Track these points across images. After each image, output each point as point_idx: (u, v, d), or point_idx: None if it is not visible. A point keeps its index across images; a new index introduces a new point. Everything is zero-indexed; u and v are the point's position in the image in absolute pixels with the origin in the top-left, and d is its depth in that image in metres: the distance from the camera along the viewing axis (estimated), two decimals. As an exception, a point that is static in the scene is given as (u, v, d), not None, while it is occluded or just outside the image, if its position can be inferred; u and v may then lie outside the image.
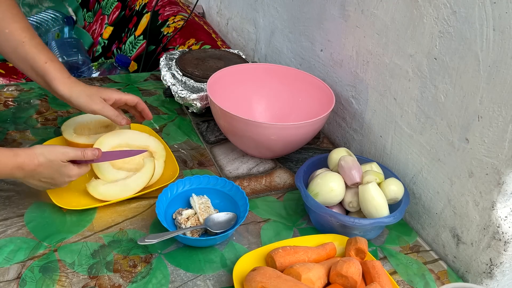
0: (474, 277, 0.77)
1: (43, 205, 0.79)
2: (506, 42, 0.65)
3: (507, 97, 0.66)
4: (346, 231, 0.78)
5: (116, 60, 1.66)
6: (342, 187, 0.79)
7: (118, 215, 0.80)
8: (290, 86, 1.07)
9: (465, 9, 0.70)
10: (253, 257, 0.72)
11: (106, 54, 2.01)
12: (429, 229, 0.85)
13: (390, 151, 0.93)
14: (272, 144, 0.90)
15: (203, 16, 1.94)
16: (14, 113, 1.03)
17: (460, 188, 0.77)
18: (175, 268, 0.72)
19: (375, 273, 0.66)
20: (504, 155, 0.68)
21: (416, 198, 0.87)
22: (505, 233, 0.71)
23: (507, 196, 0.70)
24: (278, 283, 0.62)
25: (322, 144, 1.08)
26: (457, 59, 0.73)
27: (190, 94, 1.06)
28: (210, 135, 1.05)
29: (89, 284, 0.67)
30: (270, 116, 1.07)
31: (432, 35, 0.77)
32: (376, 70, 0.92)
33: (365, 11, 0.92)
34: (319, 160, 0.88)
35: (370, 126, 0.97)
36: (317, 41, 1.11)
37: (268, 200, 0.88)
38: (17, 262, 0.69)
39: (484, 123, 0.70)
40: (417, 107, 0.83)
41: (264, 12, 1.38)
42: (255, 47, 1.48)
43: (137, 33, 1.83)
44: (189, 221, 0.77)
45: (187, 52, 1.24)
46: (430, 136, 0.82)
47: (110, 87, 1.19)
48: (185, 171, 0.92)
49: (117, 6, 2.08)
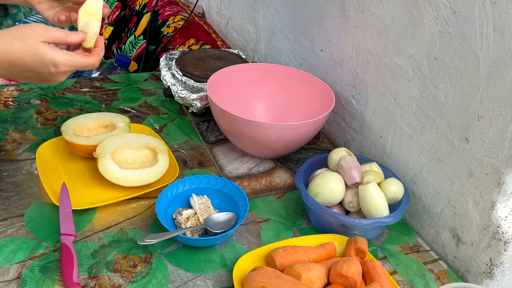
0: (474, 277, 0.77)
1: (43, 205, 0.79)
2: (506, 42, 0.65)
3: (507, 97, 0.66)
4: (346, 231, 0.78)
5: (116, 60, 1.66)
6: (342, 187, 0.79)
7: (118, 215, 0.80)
8: (290, 86, 1.06)
9: (465, 9, 0.70)
10: (253, 257, 0.72)
11: (106, 54, 2.01)
12: (429, 229, 0.85)
13: (390, 151, 0.93)
14: (272, 144, 0.90)
15: (203, 16, 1.94)
16: (14, 113, 1.03)
17: (460, 188, 0.77)
18: (175, 268, 0.72)
19: (375, 273, 0.66)
20: (504, 155, 0.68)
21: (416, 198, 0.87)
22: (505, 233, 0.71)
23: (507, 196, 0.70)
24: (278, 283, 0.62)
25: (322, 144, 1.08)
26: (457, 59, 0.73)
27: (190, 94, 1.06)
28: (210, 135, 1.05)
29: (89, 284, 0.67)
30: (270, 116, 1.07)
31: (432, 35, 0.77)
32: (376, 70, 0.92)
33: (365, 11, 0.92)
34: (319, 160, 0.88)
35: (370, 126, 0.97)
36: (317, 41, 1.11)
37: (268, 200, 0.88)
38: (17, 262, 0.69)
39: (484, 123, 0.70)
40: (417, 107, 0.83)
41: (264, 12, 1.37)
42: (255, 47, 1.48)
43: (137, 33, 1.83)
44: (189, 221, 0.77)
45: (187, 52, 1.24)
46: (430, 136, 0.82)
47: (110, 87, 1.19)
48: (185, 171, 0.92)
49: (117, 6, 2.08)
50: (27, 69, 0.58)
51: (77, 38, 0.61)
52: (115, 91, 1.17)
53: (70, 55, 0.59)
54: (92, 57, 0.63)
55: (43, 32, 0.58)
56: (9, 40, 0.56)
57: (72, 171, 0.87)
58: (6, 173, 0.85)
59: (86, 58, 0.62)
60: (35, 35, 0.57)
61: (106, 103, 1.11)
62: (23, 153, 0.91)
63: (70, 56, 0.59)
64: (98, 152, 0.83)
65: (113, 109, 1.09)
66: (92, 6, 0.67)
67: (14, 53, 0.56)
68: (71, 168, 0.88)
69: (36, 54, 0.57)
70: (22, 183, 0.84)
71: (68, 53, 0.59)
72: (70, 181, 0.84)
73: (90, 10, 0.67)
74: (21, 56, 0.57)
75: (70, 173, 0.86)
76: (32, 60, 0.57)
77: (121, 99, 1.14)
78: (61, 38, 0.59)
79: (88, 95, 1.14)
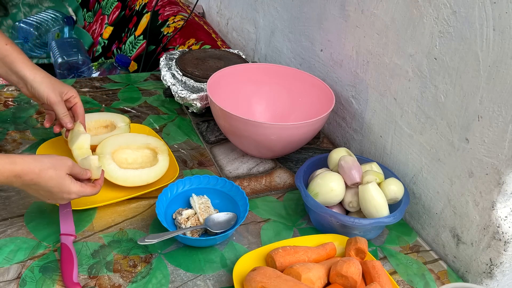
0: (474, 277, 0.77)
1: (43, 205, 0.79)
2: (506, 42, 0.65)
3: (507, 97, 0.66)
4: (346, 231, 0.78)
5: (116, 60, 1.66)
6: (342, 187, 0.79)
7: (118, 215, 0.80)
8: (290, 86, 1.06)
9: (465, 9, 0.70)
10: (253, 257, 0.72)
11: (106, 54, 2.02)
12: (429, 229, 0.85)
13: (390, 151, 0.93)
14: (272, 144, 0.90)
15: (203, 16, 1.94)
16: (14, 113, 1.03)
17: (460, 188, 0.77)
18: (175, 268, 0.72)
19: (375, 273, 0.66)
20: (504, 155, 0.68)
21: (416, 198, 0.87)
22: (505, 233, 0.71)
23: (507, 196, 0.70)
24: (278, 283, 0.62)
25: (322, 144, 1.08)
26: (457, 59, 0.73)
27: (190, 94, 1.06)
28: (210, 135, 1.05)
29: (89, 284, 0.67)
30: (270, 116, 1.07)
31: (432, 35, 0.77)
32: (376, 70, 0.92)
33: (365, 11, 0.92)
34: (319, 160, 0.88)
35: (370, 126, 0.97)
36: (317, 41, 1.11)
37: (268, 200, 0.88)
38: (17, 262, 0.69)
39: (484, 123, 0.70)
40: (417, 107, 0.83)
41: (264, 12, 1.38)
42: (255, 47, 1.48)
43: (137, 33, 1.83)
44: (189, 221, 0.77)
45: (187, 52, 1.24)
46: (430, 136, 0.82)
47: (110, 87, 1.19)
48: (185, 171, 0.92)
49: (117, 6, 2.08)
50: (45, 190, 0.68)
51: (87, 176, 0.73)
52: (115, 91, 1.17)
53: (82, 187, 0.71)
54: (97, 187, 0.74)
55: (70, 167, 0.69)
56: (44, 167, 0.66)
57: (72, 171, 0.87)
58: (6, 173, 0.85)
59: (92, 189, 0.73)
60: (64, 168, 0.68)
61: (106, 103, 1.11)
62: (23, 153, 0.91)
63: (82, 187, 0.71)
64: (98, 152, 0.83)
65: (113, 109, 1.09)
66: (80, 143, 0.81)
67: (44, 179, 0.66)
68: (71, 168, 0.87)
69: (60, 184, 0.68)
70: (22, 183, 0.84)
71: (81, 184, 0.71)
72: (70, 181, 0.84)
73: (80, 146, 0.81)
74: (48, 183, 0.67)
75: (70, 173, 0.86)
76: (54, 186, 0.67)
77: (121, 99, 1.14)
78: (78, 174, 0.71)
79: (88, 95, 1.14)
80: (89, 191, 0.72)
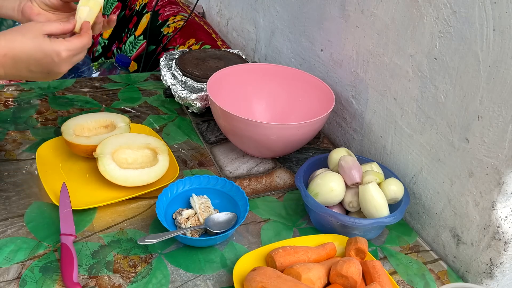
0: (474, 277, 0.77)
1: (43, 205, 0.79)
2: (506, 42, 0.65)
3: (507, 97, 0.66)
4: (346, 231, 0.78)
5: (116, 60, 1.65)
6: (342, 187, 0.79)
7: (118, 215, 0.80)
8: (290, 86, 1.06)
9: (465, 9, 0.70)
10: (253, 257, 0.72)
11: (106, 54, 2.01)
12: (429, 229, 0.85)
13: (390, 151, 0.93)
14: (272, 144, 0.90)
15: (203, 16, 1.94)
16: (14, 113, 1.03)
17: (460, 188, 0.77)
18: (175, 268, 0.72)
19: (375, 273, 0.66)
20: (504, 155, 0.68)
21: (416, 198, 0.87)
22: (505, 233, 0.71)
23: (507, 196, 0.70)
24: (278, 283, 0.62)
25: (322, 144, 1.08)
26: (457, 59, 0.73)
27: (190, 94, 1.06)
28: (210, 135, 1.05)
29: (89, 284, 0.67)
30: (270, 116, 1.07)
31: (432, 35, 0.77)
32: (376, 70, 0.92)
33: (365, 11, 0.92)
34: (319, 160, 0.88)
35: (370, 126, 0.97)
36: (317, 41, 1.11)
37: (268, 200, 0.88)
38: (17, 262, 0.69)
39: (484, 123, 0.70)
40: (417, 107, 0.83)
41: (264, 12, 1.38)
42: (255, 47, 1.48)
43: (137, 33, 1.83)
44: (189, 221, 0.77)
45: (187, 52, 1.24)
46: (430, 136, 0.82)
47: (110, 87, 1.19)
48: (185, 171, 0.92)
49: (117, 6, 2.08)
50: (32, 62, 0.61)
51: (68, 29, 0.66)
52: (115, 91, 1.17)
53: (67, 41, 0.63)
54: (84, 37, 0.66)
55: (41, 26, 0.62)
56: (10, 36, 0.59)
57: (72, 171, 0.87)
58: (6, 173, 0.85)
59: (80, 39, 0.65)
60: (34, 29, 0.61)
61: (106, 103, 1.11)
62: (23, 153, 0.91)
63: (67, 41, 0.63)
64: (98, 152, 0.83)
65: (113, 109, 1.09)
66: None
67: (16, 47, 0.59)
68: (71, 168, 0.88)
69: (38, 45, 0.60)
70: (22, 183, 0.84)
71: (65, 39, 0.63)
72: (70, 181, 0.84)
73: None
74: (24, 49, 0.60)
75: (70, 173, 0.86)
76: (35, 52, 0.61)
77: (121, 99, 1.14)
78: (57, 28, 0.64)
79: (88, 95, 1.14)
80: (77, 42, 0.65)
